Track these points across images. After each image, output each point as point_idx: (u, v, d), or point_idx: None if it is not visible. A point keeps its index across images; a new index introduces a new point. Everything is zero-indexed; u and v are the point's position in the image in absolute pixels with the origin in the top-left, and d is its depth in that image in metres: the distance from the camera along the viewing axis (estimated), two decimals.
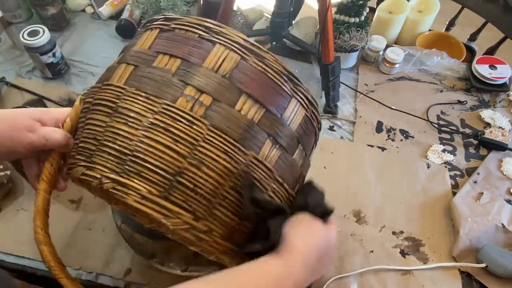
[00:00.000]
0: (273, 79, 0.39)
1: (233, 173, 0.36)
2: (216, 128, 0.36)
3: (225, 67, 0.38)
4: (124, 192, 0.35)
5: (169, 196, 0.35)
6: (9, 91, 0.79)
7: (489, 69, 0.89)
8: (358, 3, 0.81)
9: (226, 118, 0.36)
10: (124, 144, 0.36)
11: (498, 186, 0.73)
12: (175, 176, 0.35)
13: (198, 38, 0.39)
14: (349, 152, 0.77)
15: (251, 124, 0.37)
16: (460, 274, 0.62)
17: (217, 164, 0.36)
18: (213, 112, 0.36)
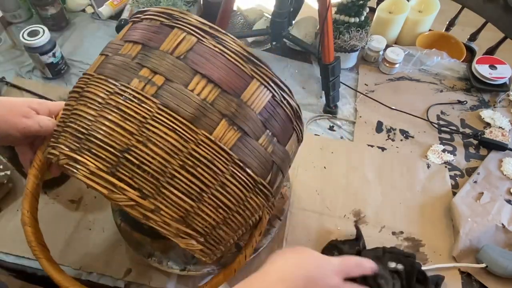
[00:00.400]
0: (231, 60, 0.39)
1: (182, 151, 0.37)
2: (165, 106, 0.37)
3: (180, 49, 0.39)
4: (75, 168, 0.37)
5: (116, 172, 0.37)
6: (9, 91, 0.80)
7: (489, 69, 0.89)
8: (358, 3, 0.81)
9: (178, 98, 0.37)
10: (82, 124, 0.38)
11: (498, 186, 0.73)
12: (122, 152, 0.36)
13: (159, 24, 0.41)
14: (349, 152, 0.77)
15: (204, 104, 0.38)
16: (460, 274, 0.62)
17: (165, 142, 0.36)
18: (165, 92, 0.37)
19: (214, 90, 0.38)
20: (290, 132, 0.46)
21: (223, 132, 0.38)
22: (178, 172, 0.37)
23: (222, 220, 0.40)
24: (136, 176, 0.36)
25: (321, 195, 0.70)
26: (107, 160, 0.37)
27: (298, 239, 0.64)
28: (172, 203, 0.37)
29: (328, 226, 0.66)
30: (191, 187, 0.37)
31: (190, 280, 0.58)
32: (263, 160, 0.41)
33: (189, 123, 0.37)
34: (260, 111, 0.41)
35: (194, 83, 0.38)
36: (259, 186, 0.41)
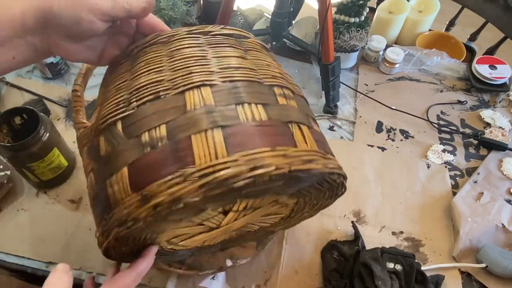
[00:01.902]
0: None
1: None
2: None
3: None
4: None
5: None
6: (9, 91, 0.80)
7: (489, 69, 0.89)
8: (358, 3, 0.81)
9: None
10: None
11: (498, 186, 0.73)
12: None
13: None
14: (349, 152, 0.77)
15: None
16: (460, 274, 0.62)
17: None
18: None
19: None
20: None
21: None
22: None
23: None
24: None
25: None
26: None
27: (298, 239, 0.64)
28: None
29: (328, 226, 0.66)
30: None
31: (190, 280, 0.58)
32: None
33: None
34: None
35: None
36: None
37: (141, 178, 0.34)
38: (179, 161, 0.34)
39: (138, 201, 0.33)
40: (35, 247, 0.61)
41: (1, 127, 0.61)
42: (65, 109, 0.78)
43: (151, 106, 0.36)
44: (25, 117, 0.62)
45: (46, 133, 0.59)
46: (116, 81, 0.40)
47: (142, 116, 0.36)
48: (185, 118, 0.35)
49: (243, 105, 0.37)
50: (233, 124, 0.35)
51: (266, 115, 0.37)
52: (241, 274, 0.60)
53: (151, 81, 0.38)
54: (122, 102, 0.38)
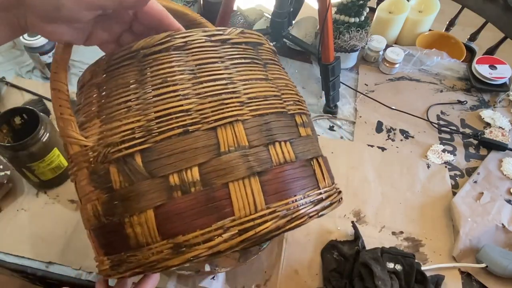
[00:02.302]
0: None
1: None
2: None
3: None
4: None
5: None
6: (9, 91, 0.80)
7: (489, 69, 0.89)
8: (358, 3, 0.81)
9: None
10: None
11: (498, 186, 0.73)
12: None
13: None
14: (349, 152, 0.77)
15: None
16: (460, 274, 0.62)
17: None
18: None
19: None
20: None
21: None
22: None
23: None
24: None
25: None
26: None
27: (298, 239, 0.64)
28: None
29: (328, 226, 0.66)
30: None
31: (190, 280, 0.58)
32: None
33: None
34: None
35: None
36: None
37: (171, 225, 0.32)
38: (216, 211, 0.32)
39: (170, 249, 0.32)
40: (35, 247, 0.61)
41: (1, 127, 0.61)
42: None
43: (178, 142, 0.33)
44: (25, 117, 0.62)
45: (46, 133, 0.59)
46: (122, 93, 0.35)
47: (168, 153, 0.33)
48: (220, 162, 0.33)
49: (274, 144, 0.36)
50: (267, 169, 0.35)
51: (293, 154, 0.37)
52: (241, 274, 0.60)
53: (176, 110, 0.33)
54: (140, 129, 0.33)
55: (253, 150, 0.34)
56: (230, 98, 0.35)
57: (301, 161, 0.38)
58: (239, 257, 0.57)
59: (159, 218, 0.32)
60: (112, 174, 0.34)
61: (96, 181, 0.35)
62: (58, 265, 0.59)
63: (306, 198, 0.36)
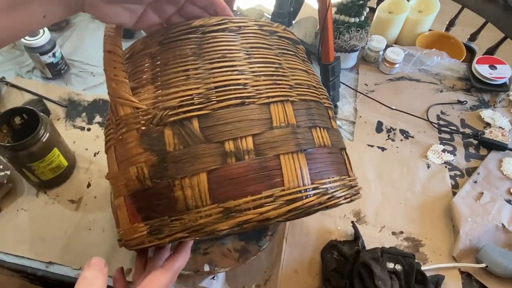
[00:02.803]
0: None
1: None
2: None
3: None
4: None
5: None
6: (9, 91, 0.80)
7: (489, 69, 0.89)
8: (358, 3, 0.81)
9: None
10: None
11: (498, 186, 0.73)
12: None
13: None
14: (349, 152, 0.76)
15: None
16: (460, 274, 0.62)
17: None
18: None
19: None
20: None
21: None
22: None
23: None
24: None
25: None
26: None
27: (298, 239, 0.64)
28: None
29: (328, 226, 0.66)
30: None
31: (190, 280, 0.58)
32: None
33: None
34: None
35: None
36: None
37: (223, 190, 0.33)
38: (267, 180, 0.34)
39: (220, 213, 0.33)
40: (35, 247, 0.61)
41: (1, 127, 0.61)
42: (65, 109, 0.78)
43: (235, 112, 0.35)
44: (25, 117, 0.62)
45: (46, 133, 0.59)
46: (180, 63, 0.37)
47: (225, 121, 0.34)
48: (273, 134, 0.35)
49: (315, 128, 0.39)
50: (312, 148, 0.37)
51: (330, 141, 0.40)
52: (241, 274, 0.60)
53: (234, 82, 0.36)
54: (198, 96, 0.35)
55: (300, 130, 0.37)
56: (281, 80, 0.38)
57: (335, 148, 0.41)
58: (238, 257, 0.57)
59: (211, 182, 0.33)
60: (167, 137, 0.35)
61: (148, 143, 0.35)
62: (58, 265, 0.59)
63: (341, 181, 0.39)
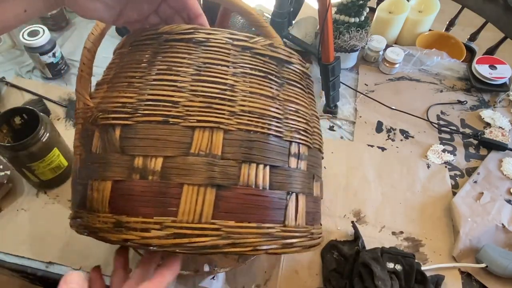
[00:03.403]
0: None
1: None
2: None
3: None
4: None
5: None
6: (9, 91, 0.80)
7: (489, 69, 0.89)
8: (358, 3, 0.81)
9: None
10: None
11: (498, 186, 0.73)
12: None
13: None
14: (349, 152, 0.77)
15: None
16: (460, 274, 0.62)
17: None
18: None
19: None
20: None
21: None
22: None
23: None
24: None
25: None
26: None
27: None
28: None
29: (328, 226, 0.66)
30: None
31: (190, 280, 0.58)
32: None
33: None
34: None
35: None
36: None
37: (122, 203, 0.33)
38: (162, 206, 0.32)
39: (112, 224, 0.33)
40: (35, 247, 0.61)
41: (1, 127, 0.61)
42: (65, 109, 0.78)
43: (155, 129, 0.34)
44: (25, 117, 0.62)
45: (46, 133, 0.59)
46: (132, 68, 0.37)
47: (142, 135, 0.34)
48: (185, 161, 0.33)
49: (250, 164, 0.34)
50: (230, 185, 0.33)
51: (268, 181, 0.35)
52: (241, 274, 0.60)
53: (166, 98, 0.34)
54: (130, 105, 0.35)
55: (222, 162, 0.33)
56: (221, 104, 0.34)
57: (274, 192, 0.35)
58: (238, 257, 0.57)
59: (113, 192, 0.34)
60: (95, 138, 0.36)
61: (84, 139, 0.38)
62: (58, 265, 0.59)
63: (261, 229, 0.34)
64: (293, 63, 0.42)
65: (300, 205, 0.37)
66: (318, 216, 0.42)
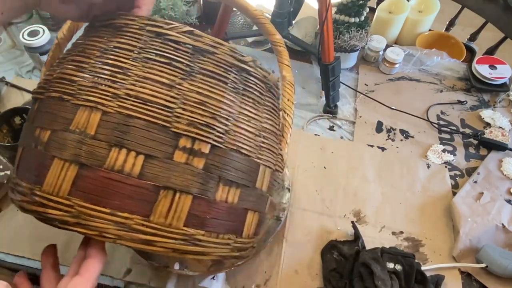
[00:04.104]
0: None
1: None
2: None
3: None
4: None
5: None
6: (9, 91, 0.80)
7: (489, 69, 0.89)
8: (358, 3, 0.81)
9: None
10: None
11: (498, 186, 0.73)
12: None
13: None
14: (349, 152, 0.77)
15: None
16: (460, 274, 0.62)
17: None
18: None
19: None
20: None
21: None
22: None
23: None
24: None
25: (321, 195, 0.70)
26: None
27: (298, 239, 0.64)
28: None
29: (328, 226, 0.66)
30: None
31: (190, 280, 0.58)
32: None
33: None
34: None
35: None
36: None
37: (22, 169, 0.37)
38: (34, 175, 0.35)
39: (13, 185, 0.37)
40: (35, 247, 0.61)
41: (1, 127, 0.61)
42: None
43: (52, 105, 0.36)
44: (25, 117, 0.62)
45: None
46: (70, 49, 0.40)
47: (45, 110, 0.37)
48: (62, 136, 0.34)
49: (120, 149, 0.33)
50: (93, 166, 0.33)
51: (139, 171, 0.33)
52: (241, 274, 0.60)
53: (70, 77, 0.36)
54: (46, 82, 0.39)
55: (91, 142, 0.33)
56: (108, 86, 0.34)
57: (142, 182, 0.34)
58: (210, 266, 0.56)
59: (21, 158, 0.38)
60: (33, 105, 0.40)
61: (31, 108, 0.41)
62: None
63: (115, 217, 0.33)
64: (218, 54, 0.38)
65: (178, 203, 0.35)
66: (217, 224, 0.37)
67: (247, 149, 0.38)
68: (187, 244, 0.35)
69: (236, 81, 0.38)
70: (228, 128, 0.37)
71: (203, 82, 0.36)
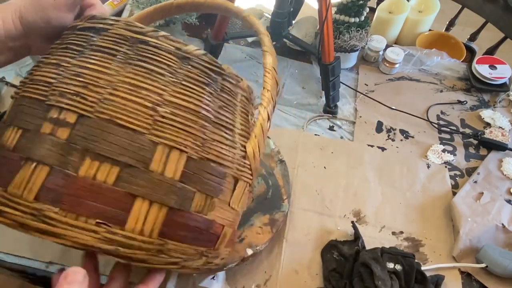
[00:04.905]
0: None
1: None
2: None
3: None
4: None
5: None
6: (9, 91, 0.80)
7: (489, 69, 0.89)
8: (358, 3, 0.81)
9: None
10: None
11: (498, 186, 0.73)
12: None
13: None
14: (349, 152, 0.77)
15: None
16: (460, 274, 0.62)
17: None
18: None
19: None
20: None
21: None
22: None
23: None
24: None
25: (321, 195, 0.70)
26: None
27: (297, 239, 0.64)
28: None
29: (328, 226, 0.66)
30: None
31: (190, 280, 0.58)
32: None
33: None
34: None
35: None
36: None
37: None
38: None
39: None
40: (35, 247, 0.61)
41: None
42: None
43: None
44: None
45: None
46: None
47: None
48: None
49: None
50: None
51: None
52: (241, 274, 0.60)
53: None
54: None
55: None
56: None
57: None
58: (271, 228, 0.59)
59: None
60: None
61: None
62: (58, 265, 0.59)
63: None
64: (111, 29, 0.38)
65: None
66: (79, 203, 0.33)
67: (129, 121, 0.34)
68: (35, 220, 0.33)
69: (129, 53, 0.36)
70: (102, 97, 0.34)
71: (90, 57, 0.36)
